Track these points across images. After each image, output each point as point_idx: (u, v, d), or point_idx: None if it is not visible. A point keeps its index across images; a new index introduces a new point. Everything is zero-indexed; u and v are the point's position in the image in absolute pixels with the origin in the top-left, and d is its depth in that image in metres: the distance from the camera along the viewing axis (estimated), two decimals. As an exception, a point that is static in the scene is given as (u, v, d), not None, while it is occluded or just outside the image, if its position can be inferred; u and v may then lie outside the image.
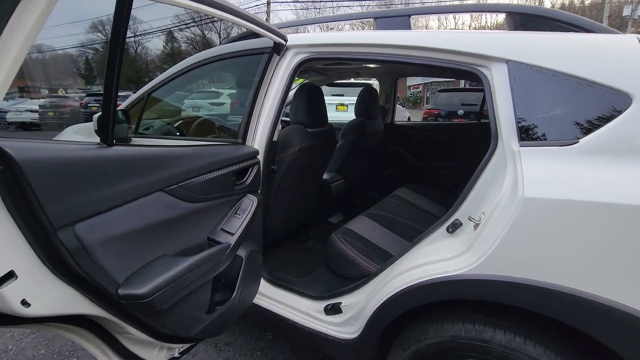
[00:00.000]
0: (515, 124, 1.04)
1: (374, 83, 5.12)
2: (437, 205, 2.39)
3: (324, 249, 2.38)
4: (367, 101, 2.45)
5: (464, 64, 1.21)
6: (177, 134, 2.19)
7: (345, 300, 1.46)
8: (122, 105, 2.11)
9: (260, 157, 1.52)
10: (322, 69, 2.69)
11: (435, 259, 1.14)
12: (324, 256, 1.76)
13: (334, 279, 1.69)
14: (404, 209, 2.18)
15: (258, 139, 1.50)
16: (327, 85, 8.94)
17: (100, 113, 1.86)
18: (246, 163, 1.30)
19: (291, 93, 2.43)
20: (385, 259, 1.59)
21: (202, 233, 1.14)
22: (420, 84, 27.33)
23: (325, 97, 7.05)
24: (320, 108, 1.88)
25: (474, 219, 1.09)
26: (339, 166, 2.49)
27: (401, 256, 1.29)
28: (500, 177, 1.06)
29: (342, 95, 7.64)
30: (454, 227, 1.16)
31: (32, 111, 13.39)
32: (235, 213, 1.25)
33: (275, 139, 1.59)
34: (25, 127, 13.19)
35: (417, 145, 2.91)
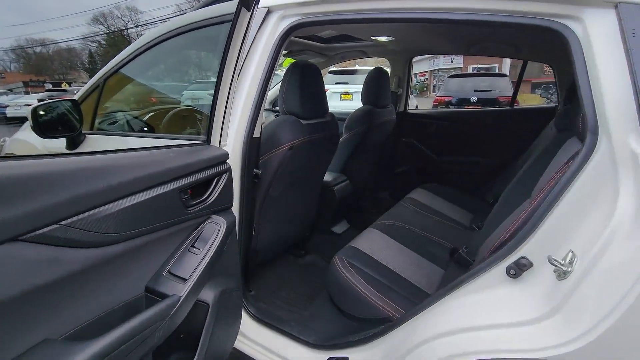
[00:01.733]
0: (638, 108, 0.62)
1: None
2: (463, 210, 1.98)
3: (326, 264, 1.99)
4: (376, 85, 2.03)
5: (533, 15, 0.78)
6: (146, 129, 1.79)
7: (353, 356, 1.07)
8: (77, 94, 1.72)
9: (236, 160, 1.12)
10: (322, 48, 2.26)
11: (493, 321, 0.74)
12: (325, 279, 1.36)
13: (340, 317, 1.30)
14: (424, 218, 1.78)
15: (231, 136, 1.10)
16: (331, 72, 8.55)
17: (35, 104, 1.49)
18: (208, 172, 0.90)
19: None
20: (406, 292, 1.20)
21: (133, 285, 0.75)
22: (427, 71, 26.58)
23: (329, 86, 6.59)
24: (318, 93, 1.47)
25: (556, 261, 0.68)
26: (343, 164, 2.08)
27: (433, 303, 0.89)
28: (605, 195, 0.65)
29: (346, 83, 7.21)
30: (519, 268, 0.75)
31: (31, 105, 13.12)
32: (192, 246, 0.86)
33: (257, 134, 1.19)
34: (25, 122, 12.92)
35: (435, 138, 2.48)
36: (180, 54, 1.84)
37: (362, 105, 2.10)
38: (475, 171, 2.38)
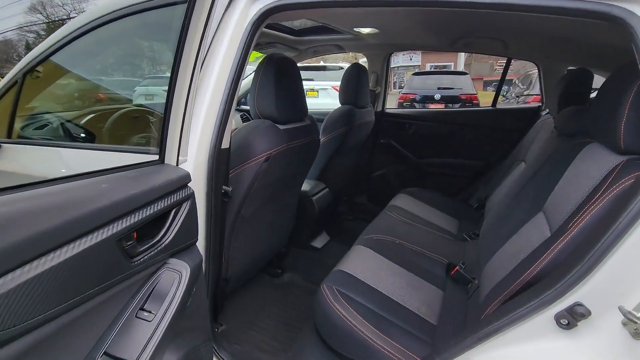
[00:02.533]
0: None
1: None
2: (448, 217, 1.86)
3: (305, 283, 1.79)
4: (355, 83, 1.84)
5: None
6: (83, 135, 1.47)
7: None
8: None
9: (200, 178, 0.89)
10: (293, 41, 2.04)
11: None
12: (313, 312, 1.15)
13: (332, 358, 1.11)
14: (412, 228, 1.63)
15: (193, 148, 0.86)
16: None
17: None
18: (163, 204, 0.66)
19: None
20: (409, 325, 1.03)
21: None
22: (388, 69, 26.97)
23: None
24: (297, 93, 1.25)
25: (632, 314, 0.53)
26: (320, 171, 1.88)
27: (456, 356, 0.72)
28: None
29: (311, 79, 7.00)
30: (573, 317, 0.60)
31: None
32: (141, 309, 0.62)
33: (226, 145, 0.95)
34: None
35: (415, 139, 2.35)
36: (129, 41, 1.53)
37: (339, 104, 1.91)
38: (456, 174, 2.29)
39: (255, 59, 2.33)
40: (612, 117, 0.76)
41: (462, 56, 18.14)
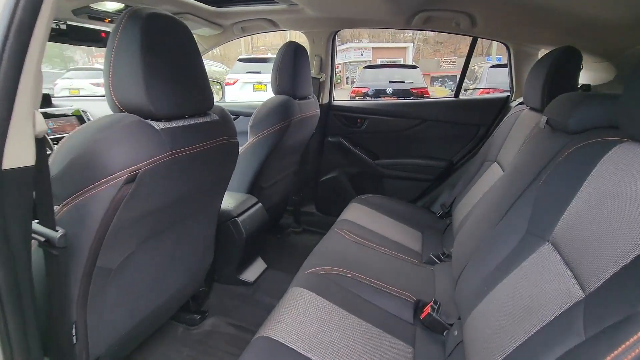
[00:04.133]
0: None
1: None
2: (410, 229, 1.54)
3: (234, 332, 1.34)
4: (291, 67, 1.44)
5: None
6: None
7: None
8: None
9: None
10: (213, 13, 1.58)
11: None
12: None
13: None
14: (368, 251, 1.28)
15: None
16: (241, 61, 7.77)
17: None
18: None
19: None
20: None
21: None
22: (339, 63, 27.10)
23: (239, 76, 5.77)
24: (189, 70, 0.82)
25: None
26: (250, 181, 1.45)
27: None
28: None
29: (259, 72, 6.57)
30: None
31: None
32: None
33: (25, 161, 0.51)
34: None
35: (369, 136, 2.01)
36: None
37: (273, 95, 1.50)
38: (416, 176, 1.98)
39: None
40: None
41: (410, 52, 18.77)
